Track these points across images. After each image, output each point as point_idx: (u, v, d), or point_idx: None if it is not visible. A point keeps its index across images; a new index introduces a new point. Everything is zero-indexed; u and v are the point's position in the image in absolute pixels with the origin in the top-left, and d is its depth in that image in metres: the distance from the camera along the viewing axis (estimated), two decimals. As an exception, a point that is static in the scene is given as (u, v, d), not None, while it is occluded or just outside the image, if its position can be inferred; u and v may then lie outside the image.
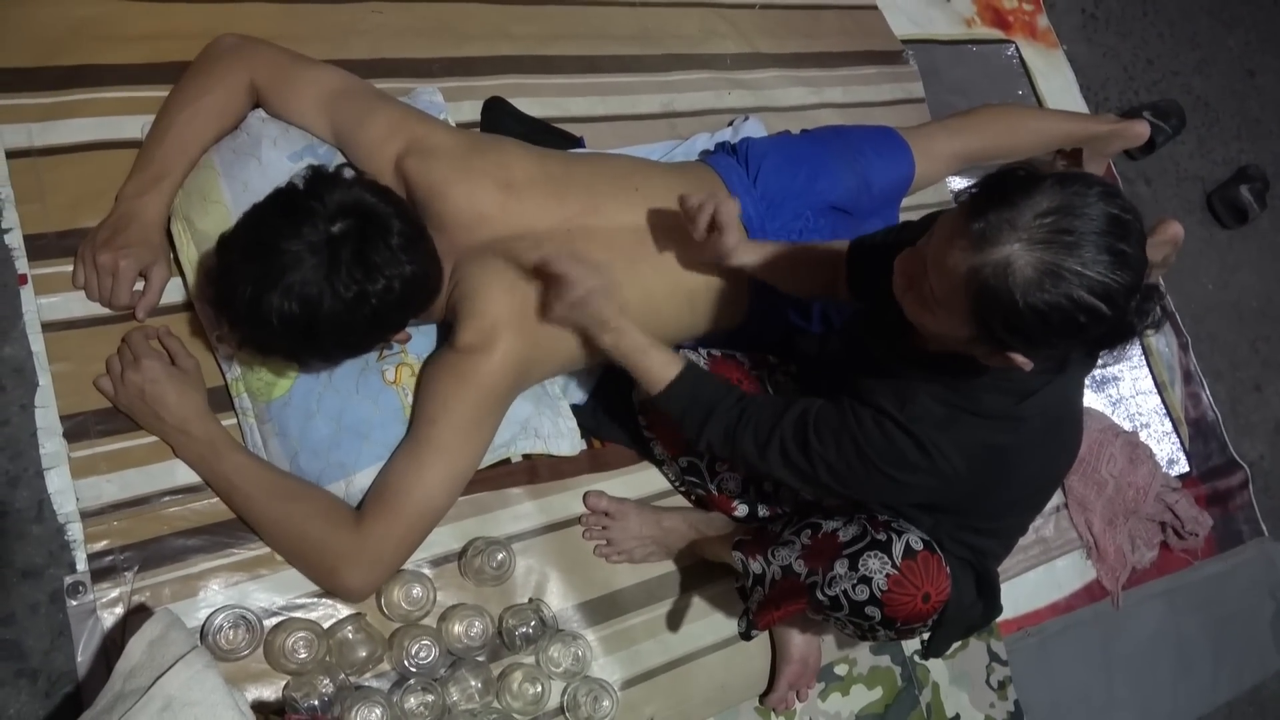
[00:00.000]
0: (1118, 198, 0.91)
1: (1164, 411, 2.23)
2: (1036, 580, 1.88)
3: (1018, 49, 2.38)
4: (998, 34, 2.37)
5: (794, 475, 1.17)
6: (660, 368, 1.23)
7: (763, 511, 1.46)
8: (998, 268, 0.90)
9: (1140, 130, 2.15)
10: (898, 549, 1.13)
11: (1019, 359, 0.97)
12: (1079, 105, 2.41)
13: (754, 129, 1.80)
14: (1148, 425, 2.19)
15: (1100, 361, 1.04)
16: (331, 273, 1.08)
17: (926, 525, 1.20)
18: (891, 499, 1.19)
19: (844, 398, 1.14)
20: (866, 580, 1.12)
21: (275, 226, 1.09)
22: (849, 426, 1.11)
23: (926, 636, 1.25)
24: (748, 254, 1.34)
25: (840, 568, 1.15)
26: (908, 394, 1.08)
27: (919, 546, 1.13)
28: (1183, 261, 2.19)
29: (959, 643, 1.71)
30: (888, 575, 1.12)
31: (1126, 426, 2.11)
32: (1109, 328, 0.93)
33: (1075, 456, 1.24)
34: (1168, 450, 2.19)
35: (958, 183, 2.08)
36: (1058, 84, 2.40)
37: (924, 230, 1.03)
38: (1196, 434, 2.26)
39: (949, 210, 0.99)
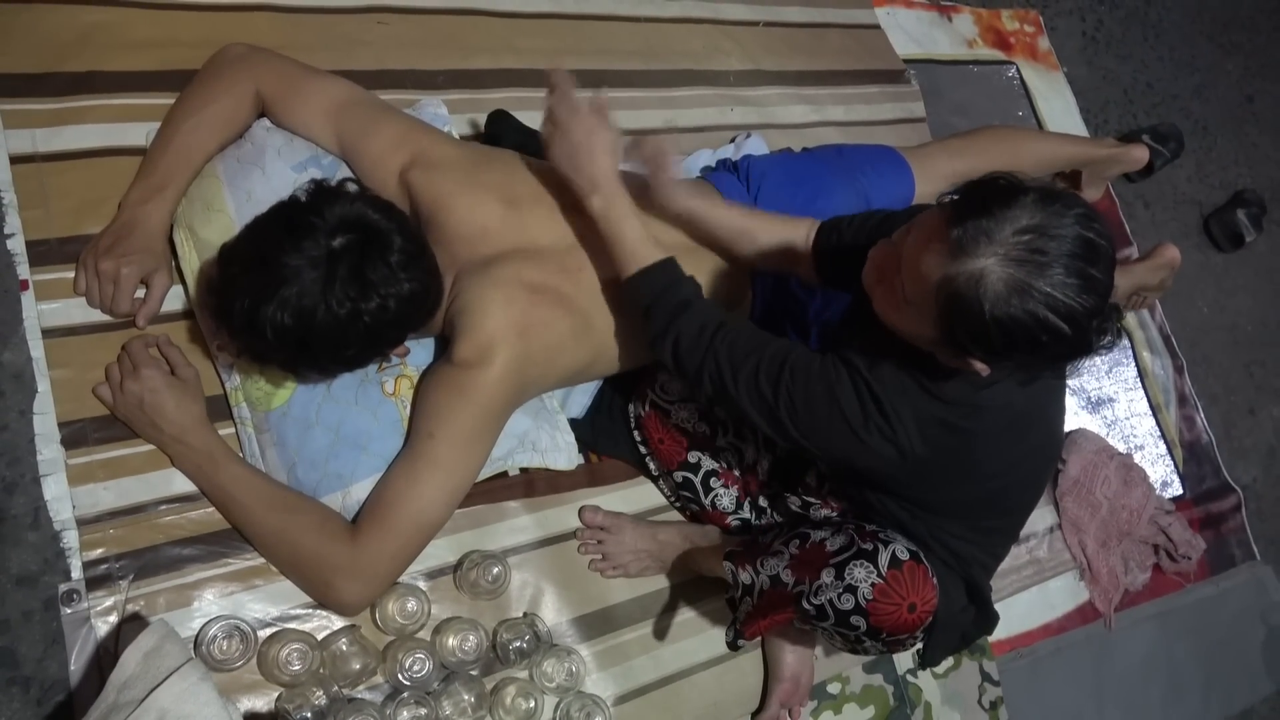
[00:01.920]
0: (1094, 222, 0.93)
1: (1159, 434, 2.24)
2: (1029, 601, 1.89)
3: (1019, 70, 2.40)
4: (999, 55, 2.39)
5: (756, 405, 1.15)
6: (646, 246, 1.20)
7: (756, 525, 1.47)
8: (970, 279, 0.91)
9: (1139, 155, 2.17)
10: (884, 559, 1.13)
11: (978, 365, 0.99)
12: (1079, 127, 2.43)
13: (756, 146, 1.81)
14: (1142, 447, 2.20)
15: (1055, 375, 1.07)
16: (327, 288, 1.08)
17: (905, 517, 1.20)
18: (843, 456, 1.15)
19: (827, 353, 1.15)
20: (852, 589, 1.12)
21: (276, 240, 1.09)
22: (825, 373, 1.11)
23: (920, 647, 1.24)
24: (690, 199, 1.30)
25: (827, 577, 1.15)
26: (876, 359, 1.10)
27: (905, 556, 1.13)
28: (1179, 285, 2.20)
29: (952, 659, 1.71)
30: (873, 585, 1.12)
31: (1121, 448, 2.12)
32: (1068, 347, 0.95)
33: (1049, 464, 1.24)
34: (1162, 473, 2.20)
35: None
36: (1058, 106, 2.42)
37: (905, 221, 1.04)
38: (1190, 457, 2.27)
39: (928, 210, 1.00)
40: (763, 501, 1.46)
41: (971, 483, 1.18)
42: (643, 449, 1.49)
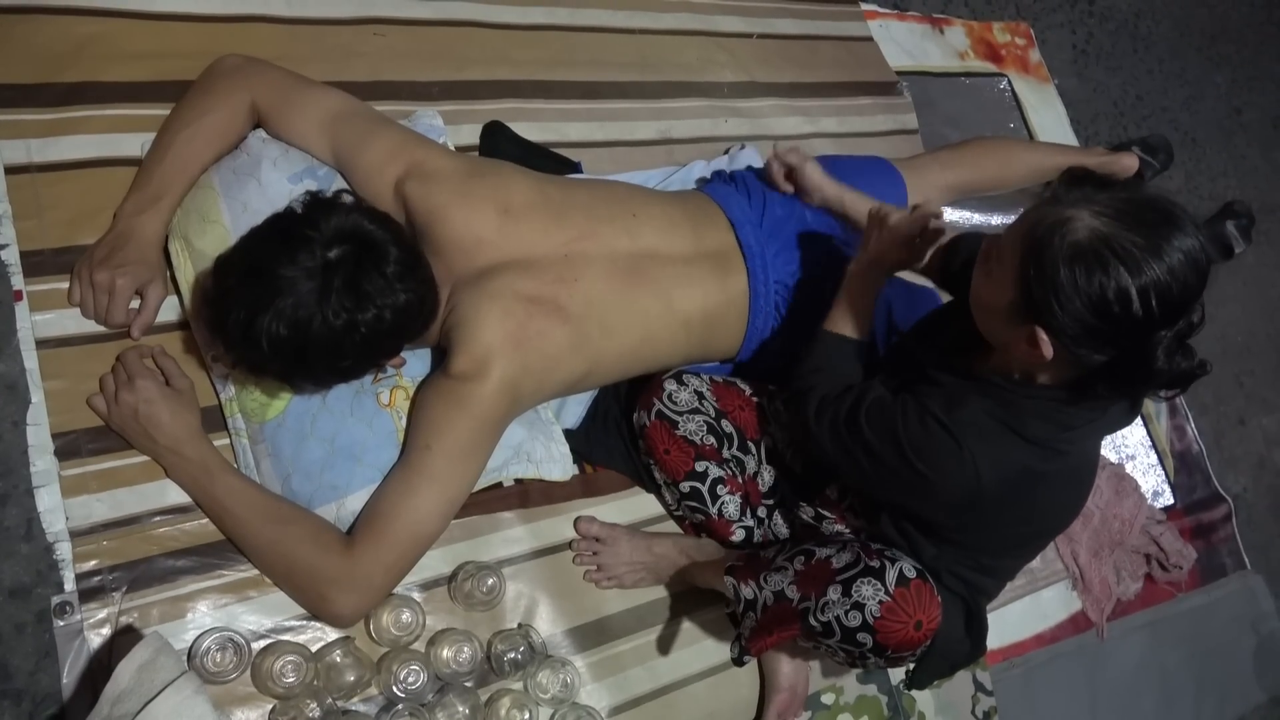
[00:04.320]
0: (1201, 234, 0.94)
1: (1149, 444, 2.25)
2: (1022, 611, 1.89)
3: (1010, 82, 2.41)
4: (990, 67, 2.40)
5: (837, 450, 1.21)
6: (859, 319, 1.30)
7: (758, 536, 1.47)
8: (1056, 222, 0.93)
9: (1128, 163, 2.18)
10: (891, 576, 1.13)
11: (1044, 341, 0.99)
12: (1069, 139, 2.45)
13: (750, 157, 1.82)
14: (1133, 457, 2.21)
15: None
16: (323, 299, 1.08)
17: (930, 555, 1.21)
18: (913, 497, 1.19)
19: (902, 393, 1.17)
20: (859, 606, 1.13)
21: (272, 252, 1.09)
22: (894, 416, 1.14)
23: (910, 667, 1.25)
24: (841, 192, 1.45)
25: (833, 593, 1.15)
26: (957, 400, 1.11)
27: (912, 574, 1.14)
28: (1169, 295, 2.21)
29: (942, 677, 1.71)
30: (881, 602, 1.12)
31: (1113, 458, 2.13)
32: (1133, 341, 0.94)
33: (1079, 510, 1.25)
34: (1153, 482, 2.21)
35: (950, 214, 2.11)
36: (1049, 117, 2.43)
37: None
38: (1181, 466, 2.28)
39: None
40: (761, 511, 1.46)
41: (1020, 525, 1.19)
42: (647, 459, 1.49)
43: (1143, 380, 1.01)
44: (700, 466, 1.43)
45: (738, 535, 1.46)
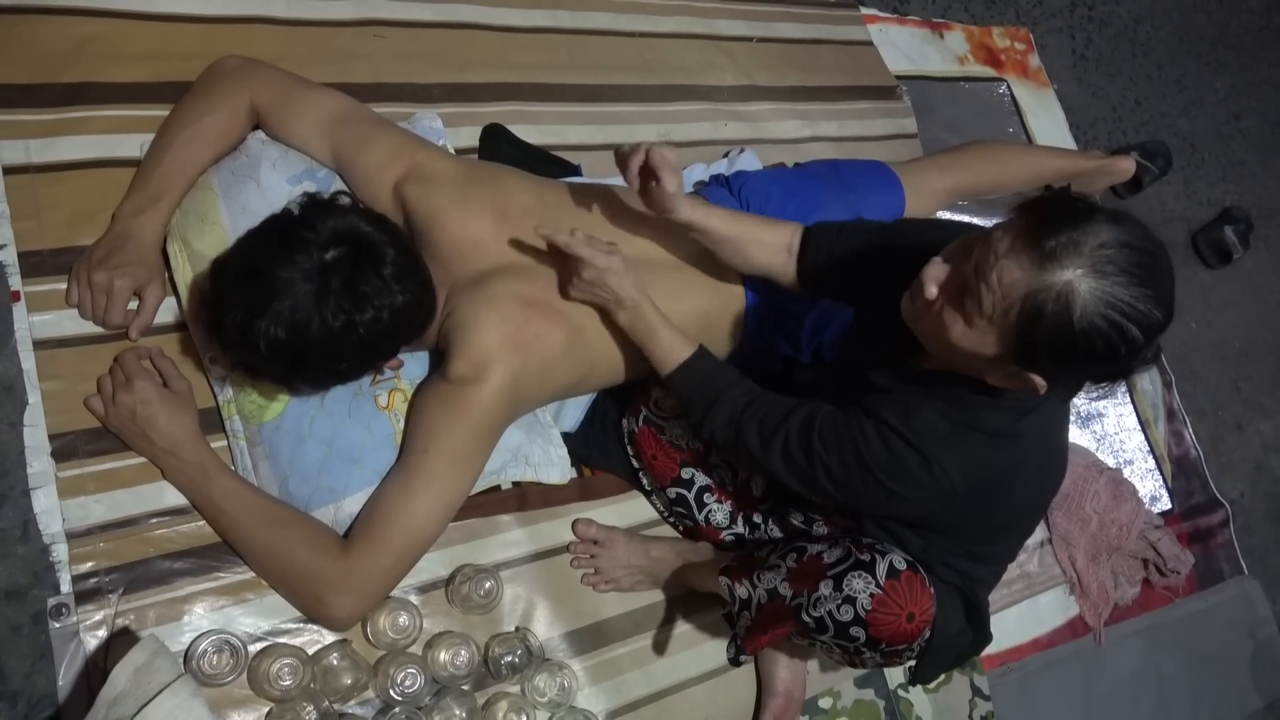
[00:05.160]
0: (1158, 241, 0.96)
1: (1147, 449, 2.25)
2: (1020, 615, 1.89)
3: (1009, 87, 2.42)
4: (990, 72, 2.41)
5: (794, 475, 1.18)
6: (672, 348, 1.26)
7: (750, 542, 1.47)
8: (1061, 289, 0.92)
9: (1125, 166, 2.19)
10: (881, 569, 1.13)
11: (1038, 380, 0.99)
12: (1069, 144, 2.45)
13: (749, 162, 1.82)
14: (1131, 462, 2.21)
15: (1088, 395, 1.08)
16: (320, 301, 1.07)
17: (917, 547, 1.20)
18: (887, 511, 1.19)
19: (851, 407, 1.15)
20: (851, 600, 1.13)
21: (268, 254, 1.09)
22: (852, 434, 1.12)
23: (913, 664, 1.25)
24: (692, 210, 1.29)
25: (825, 589, 1.15)
26: (910, 408, 1.10)
27: (902, 566, 1.14)
28: (1168, 301, 2.22)
29: (945, 674, 1.71)
30: (872, 595, 1.12)
31: (1110, 463, 2.13)
32: (1130, 362, 0.96)
33: (1060, 482, 1.25)
34: (1151, 487, 2.21)
35: (949, 218, 2.11)
36: (1048, 122, 2.44)
37: (912, 235, 1.05)
38: (1179, 472, 2.28)
39: (1000, 225, 0.98)
40: (757, 518, 1.46)
41: (1000, 511, 1.19)
42: (636, 464, 1.49)
43: (1122, 378, 1.02)
44: (686, 473, 1.43)
45: (727, 542, 1.46)
